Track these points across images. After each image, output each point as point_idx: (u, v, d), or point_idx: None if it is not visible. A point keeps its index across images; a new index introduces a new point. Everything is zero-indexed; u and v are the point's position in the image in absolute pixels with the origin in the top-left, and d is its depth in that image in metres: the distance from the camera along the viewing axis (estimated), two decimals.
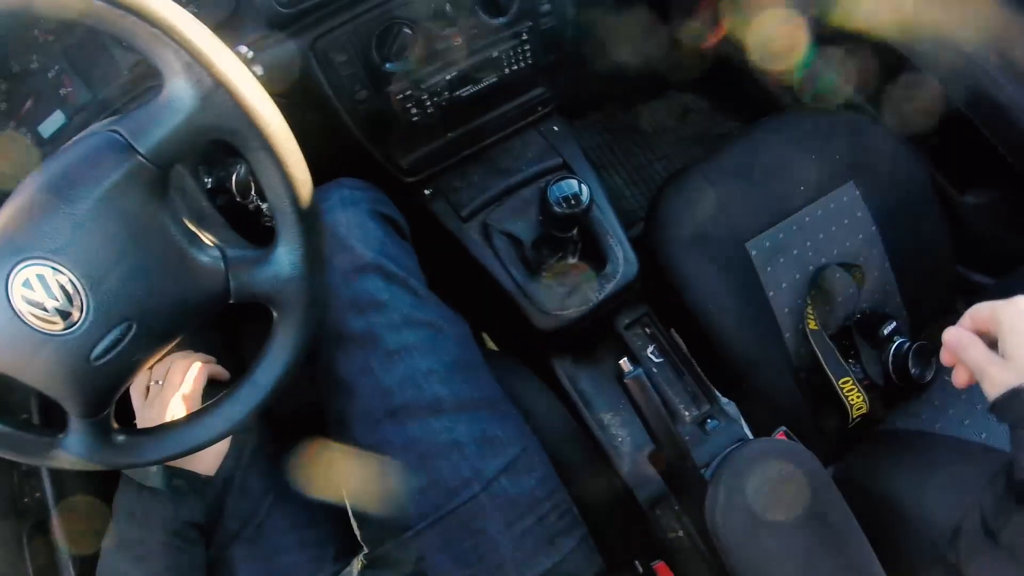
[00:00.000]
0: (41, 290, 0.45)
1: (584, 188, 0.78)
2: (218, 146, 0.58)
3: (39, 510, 0.82)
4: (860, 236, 0.98)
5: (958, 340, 0.56)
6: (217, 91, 0.46)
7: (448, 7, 0.81)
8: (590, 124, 1.50)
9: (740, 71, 1.43)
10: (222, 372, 0.79)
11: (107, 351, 0.48)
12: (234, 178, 0.76)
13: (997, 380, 0.52)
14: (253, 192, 0.78)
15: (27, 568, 0.80)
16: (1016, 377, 0.51)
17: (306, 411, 0.78)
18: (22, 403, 0.83)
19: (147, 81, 0.75)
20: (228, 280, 0.52)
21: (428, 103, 0.88)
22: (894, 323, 0.95)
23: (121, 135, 0.46)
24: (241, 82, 0.47)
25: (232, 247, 0.53)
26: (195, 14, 0.46)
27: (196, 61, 0.45)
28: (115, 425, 0.55)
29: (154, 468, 0.66)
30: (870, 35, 1.03)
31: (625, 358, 0.78)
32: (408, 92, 0.85)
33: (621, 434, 0.97)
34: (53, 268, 0.45)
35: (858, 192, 0.99)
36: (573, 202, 0.77)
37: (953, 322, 0.58)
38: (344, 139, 0.88)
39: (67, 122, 0.74)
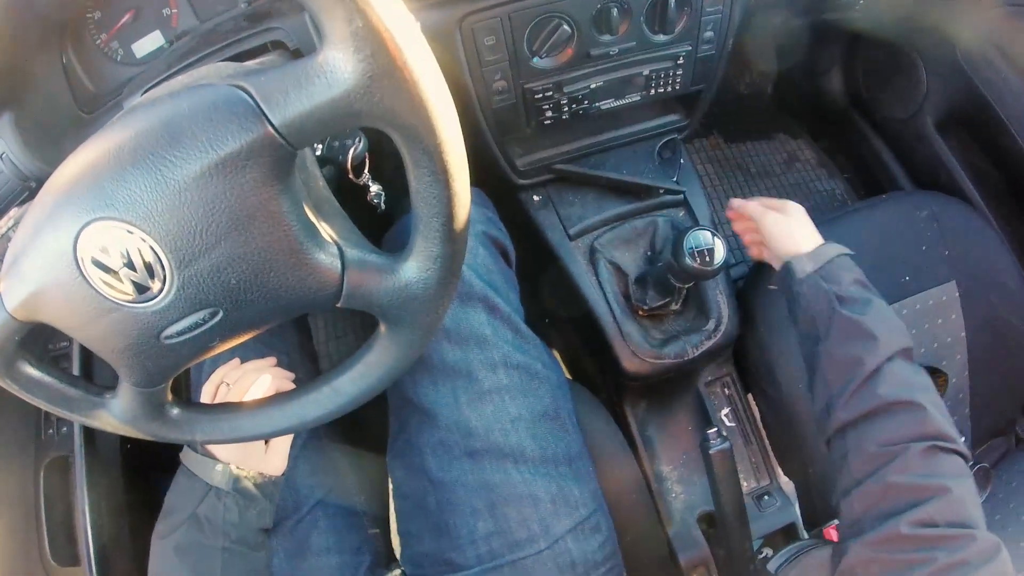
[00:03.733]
0: (117, 255, 0.38)
1: (720, 248, 0.70)
2: None
3: (62, 445, 0.78)
4: (948, 339, 0.92)
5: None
6: (390, 75, 0.35)
7: (615, 12, 0.72)
8: (696, 149, 1.41)
9: (854, 127, 1.34)
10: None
11: (182, 333, 0.41)
12: (351, 153, 0.69)
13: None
14: (367, 170, 0.71)
15: (39, 503, 0.77)
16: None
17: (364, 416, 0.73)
18: (64, 351, 0.78)
19: (267, 21, 0.66)
20: (342, 284, 0.44)
21: (566, 108, 0.80)
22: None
23: (250, 96, 0.36)
24: (423, 70, 0.36)
25: (351, 246, 0.45)
26: None
27: (370, 31, 0.34)
28: (169, 397, 0.49)
29: (219, 466, 0.61)
30: None
31: (715, 428, 0.73)
32: (549, 93, 0.77)
33: (676, 490, 0.93)
34: (136, 235, 0.38)
35: (958, 293, 0.92)
36: (707, 258, 0.70)
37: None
38: (464, 127, 0.81)
39: (166, 45, 0.67)
